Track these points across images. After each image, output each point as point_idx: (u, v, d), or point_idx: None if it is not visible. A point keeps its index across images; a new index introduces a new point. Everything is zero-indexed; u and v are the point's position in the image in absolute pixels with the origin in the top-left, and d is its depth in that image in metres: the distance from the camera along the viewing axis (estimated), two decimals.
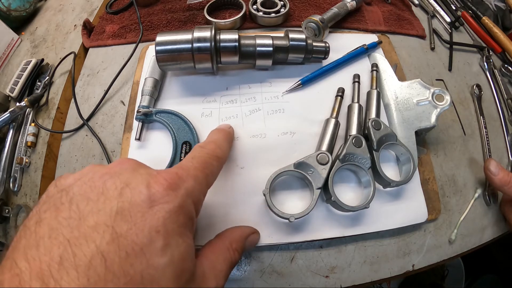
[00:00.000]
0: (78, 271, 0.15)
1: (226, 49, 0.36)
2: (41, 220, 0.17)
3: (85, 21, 0.50)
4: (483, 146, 0.42)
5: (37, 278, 0.14)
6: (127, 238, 0.16)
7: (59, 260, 0.15)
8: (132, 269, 0.16)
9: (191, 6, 0.50)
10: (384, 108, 0.39)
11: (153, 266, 0.16)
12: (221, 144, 0.29)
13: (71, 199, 0.18)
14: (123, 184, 0.19)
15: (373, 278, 0.35)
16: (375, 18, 0.49)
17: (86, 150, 0.40)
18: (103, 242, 0.16)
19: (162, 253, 0.17)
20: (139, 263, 0.16)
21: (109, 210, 0.17)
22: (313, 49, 0.40)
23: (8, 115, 0.42)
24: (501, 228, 0.39)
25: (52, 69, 0.48)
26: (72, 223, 0.17)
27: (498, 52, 0.51)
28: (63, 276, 0.14)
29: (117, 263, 0.15)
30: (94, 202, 0.18)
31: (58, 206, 0.18)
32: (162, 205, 0.19)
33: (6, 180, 0.41)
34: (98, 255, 0.15)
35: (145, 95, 0.38)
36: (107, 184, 0.19)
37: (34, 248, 0.16)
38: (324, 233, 0.33)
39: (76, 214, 0.17)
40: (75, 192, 0.19)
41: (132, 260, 0.16)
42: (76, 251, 0.15)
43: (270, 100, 0.39)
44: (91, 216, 0.17)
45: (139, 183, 0.19)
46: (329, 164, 0.32)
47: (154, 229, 0.17)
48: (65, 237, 0.16)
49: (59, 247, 0.15)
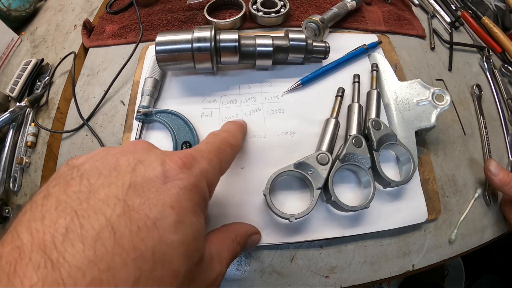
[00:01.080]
0: (84, 243, 0.14)
1: (226, 49, 0.36)
2: (49, 194, 0.16)
3: (85, 21, 0.50)
4: (483, 146, 0.42)
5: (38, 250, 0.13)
6: (139, 212, 0.16)
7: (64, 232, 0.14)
8: (143, 244, 0.15)
9: (191, 6, 0.50)
10: (384, 108, 0.39)
11: (165, 242, 0.16)
12: (235, 133, 0.28)
13: (81, 174, 0.17)
14: (136, 161, 0.18)
15: (373, 278, 0.35)
16: (375, 18, 0.49)
17: (86, 150, 0.40)
18: (113, 215, 0.15)
19: (175, 229, 0.16)
20: (151, 238, 0.15)
21: (121, 183, 0.17)
22: (313, 49, 0.40)
23: (8, 115, 0.42)
24: (501, 228, 0.39)
25: (52, 69, 0.48)
26: (81, 196, 0.16)
27: (498, 52, 0.51)
28: (67, 248, 0.13)
29: (127, 237, 0.14)
30: (106, 177, 0.17)
31: (68, 180, 0.17)
32: (176, 182, 0.18)
33: (6, 180, 0.41)
34: (107, 227, 0.14)
35: (145, 95, 0.38)
36: (120, 160, 0.18)
37: (39, 220, 0.15)
38: (324, 233, 0.33)
39: (86, 188, 0.16)
40: (86, 168, 0.18)
41: (143, 234, 0.15)
42: (83, 222, 0.14)
43: (270, 100, 0.39)
44: (102, 189, 0.16)
45: (153, 160, 0.19)
46: (329, 164, 0.32)
47: (168, 204, 0.17)
48: (72, 208, 0.15)
49: (65, 218, 0.14)
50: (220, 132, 0.27)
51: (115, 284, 0.13)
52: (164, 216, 0.16)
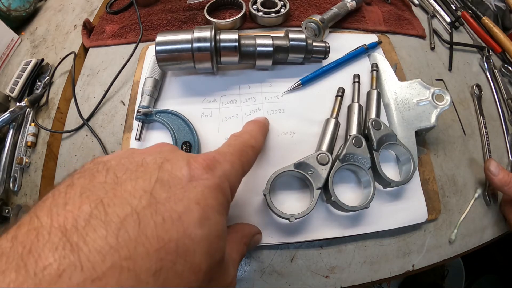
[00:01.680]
0: (108, 229, 0.13)
1: (226, 49, 0.36)
2: (74, 184, 0.16)
3: (85, 21, 0.50)
4: (483, 146, 0.42)
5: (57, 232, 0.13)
6: (165, 205, 0.16)
7: (87, 217, 0.14)
8: (167, 236, 0.15)
9: (191, 6, 0.50)
10: (384, 108, 0.39)
11: (189, 236, 0.15)
12: (256, 135, 0.28)
13: (108, 168, 0.17)
14: (163, 159, 0.19)
15: (373, 278, 0.35)
16: (375, 18, 0.49)
17: (86, 150, 0.40)
18: (139, 205, 0.15)
19: (200, 225, 0.16)
20: (176, 230, 0.15)
21: (148, 177, 0.17)
22: (313, 49, 0.40)
23: (8, 115, 0.42)
24: (501, 228, 0.39)
25: (52, 69, 0.48)
26: (107, 186, 0.16)
27: (498, 52, 0.51)
28: (88, 233, 0.13)
29: (152, 227, 0.14)
30: (132, 171, 0.17)
31: (93, 173, 0.17)
32: (201, 181, 0.18)
33: (6, 180, 0.41)
34: (132, 216, 0.14)
35: (145, 95, 0.38)
36: (147, 159, 0.19)
37: (61, 206, 0.14)
38: (324, 233, 0.33)
39: (113, 180, 0.16)
40: (113, 164, 0.18)
41: (168, 226, 0.15)
42: (108, 210, 0.14)
43: (270, 100, 0.39)
44: (129, 182, 0.16)
45: (179, 159, 0.19)
46: (329, 164, 0.32)
47: (194, 200, 0.17)
48: (98, 196, 0.15)
49: (90, 205, 0.14)
50: (242, 134, 0.27)
51: (135, 272, 0.13)
52: (190, 210, 0.16)
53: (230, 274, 0.21)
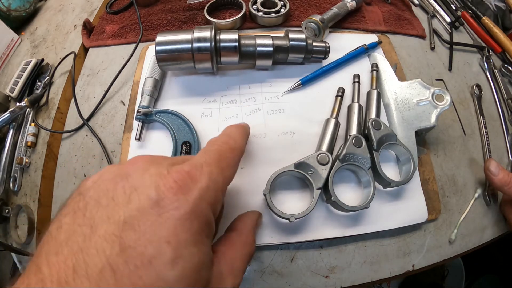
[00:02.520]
0: (90, 280, 0.15)
1: (226, 49, 0.36)
2: (61, 226, 0.18)
3: (85, 21, 0.50)
4: (483, 146, 0.42)
5: (57, 283, 0.15)
6: (135, 249, 0.16)
7: (72, 270, 0.15)
8: (141, 282, 0.15)
9: (191, 6, 0.50)
10: (384, 108, 0.39)
11: (163, 280, 0.16)
12: (235, 136, 0.27)
13: (86, 204, 0.18)
14: (131, 189, 0.18)
15: (373, 278, 0.35)
16: (375, 18, 0.49)
17: (86, 150, 0.40)
18: (113, 253, 0.16)
19: (172, 266, 0.16)
20: (149, 276, 0.16)
21: (117, 218, 0.17)
22: (313, 49, 0.40)
23: (8, 115, 0.42)
24: (501, 228, 0.39)
25: (52, 69, 0.48)
26: (85, 231, 0.17)
27: (498, 52, 0.51)
28: (77, 284, 0.15)
29: (127, 276, 0.15)
30: (105, 209, 0.18)
31: (75, 211, 0.18)
32: (172, 212, 0.17)
33: (6, 180, 0.41)
34: (108, 266, 0.15)
35: (145, 95, 0.38)
36: (118, 188, 0.19)
37: (54, 254, 0.16)
38: (324, 233, 0.33)
39: (89, 221, 0.17)
40: (91, 196, 0.19)
41: (141, 272, 0.15)
42: (88, 260, 0.16)
43: (270, 100, 0.39)
44: (101, 224, 0.17)
45: (148, 186, 0.18)
46: (329, 164, 0.32)
47: (164, 239, 0.16)
48: (79, 246, 0.16)
49: (74, 256, 0.16)
50: (219, 137, 0.26)
51: None
52: (160, 253, 0.16)
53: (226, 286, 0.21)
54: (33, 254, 0.18)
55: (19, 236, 0.39)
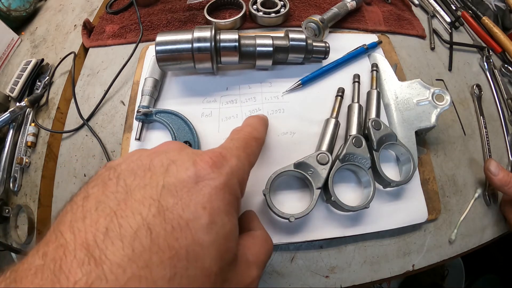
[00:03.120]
0: (123, 241, 0.15)
1: (226, 49, 0.36)
2: (89, 195, 0.17)
3: (85, 21, 0.50)
4: (483, 146, 0.42)
5: (81, 248, 0.14)
6: (173, 212, 0.16)
7: (105, 231, 0.15)
8: (177, 243, 0.16)
9: (191, 6, 0.50)
10: (384, 108, 0.39)
11: (198, 243, 0.16)
12: (257, 127, 0.28)
13: (118, 175, 0.19)
14: (169, 161, 0.19)
15: (373, 278, 0.35)
16: (375, 18, 0.49)
17: (86, 150, 0.40)
18: (149, 214, 0.16)
19: (207, 230, 0.17)
20: (185, 238, 0.16)
21: (155, 184, 0.17)
22: (313, 49, 0.40)
23: (8, 115, 0.42)
24: (501, 228, 0.39)
25: (52, 69, 0.48)
26: (119, 196, 0.17)
27: (498, 52, 0.51)
28: (108, 246, 0.14)
29: (163, 236, 0.15)
30: (141, 178, 0.18)
31: (106, 181, 0.18)
32: (208, 181, 0.18)
33: (6, 180, 0.41)
34: (143, 226, 0.15)
35: (145, 95, 0.38)
36: (154, 161, 0.19)
37: (81, 220, 0.16)
38: (324, 233, 0.33)
39: (123, 188, 0.17)
40: (123, 169, 0.19)
41: (177, 234, 0.16)
42: (122, 222, 0.15)
43: (270, 100, 0.39)
44: (138, 190, 0.17)
45: (185, 160, 0.19)
46: (329, 164, 0.32)
47: (201, 205, 0.17)
48: (111, 209, 0.16)
49: (105, 219, 0.15)
50: (243, 127, 0.28)
51: (152, 280, 0.14)
52: (197, 217, 0.17)
53: (249, 275, 0.21)
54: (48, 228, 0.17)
55: (19, 236, 0.39)
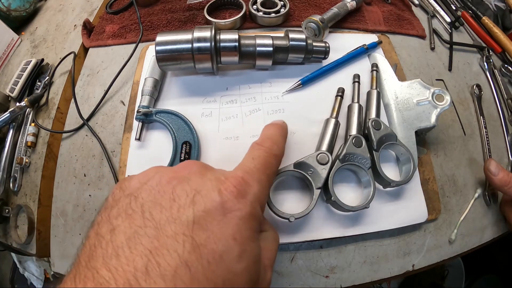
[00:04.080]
0: (165, 280, 0.15)
1: (226, 49, 0.36)
2: (114, 228, 0.18)
3: (85, 21, 0.50)
4: (483, 146, 0.42)
5: (125, 286, 0.15)
6: (206, 247, 0.17)
7: (145, 270, 0.15)
8: (215, 276, 0.17)
9: (191, 6, 0.50)
10: (384, 108, 0.39)
11: (232, 272, 0.17)
12: (278, 141, 0.28)
13: (142, 205, 0.19)
14: (194, 191, 0.20)
15: (373, 278, 0.35)
16: (375, 18, 0.49)
17: (86, 150, 0.40)
18: (185, 251, 0.16)
19: (239, 259, 0.18)
20: (220, 270, 0.17)
21: (185, 219, 0.18)
22: (313, 49, 0.40)
23: (8, 115, 0.42)
24: (501, 228, 0.39)
25: (52, 69, 0.48)
26: (149, 232, 0.17)
27: (498, 52, 0.51)
28: (151, 285, 0.15)
29: (201, 271, 0.16)
30: (168, 210, 0.18)
31: (130, 213, 0.18)
32: (235, 213, 0.19)
33: (6, 180, 0.41)
34: (182, 264, 0.16)
35: (145, 95, 0.38)
36: (177, 190, 0.20)
37: (114, 258, 0.16)
38: (324, 233, 0.33)
39: (151, 222, 0.18)
40: (145, 198, 0.19)
41: (213, 267, 0.17)
42: (160, 261, 0.16)
43: (270, 100, 0.39)
44: (168, 225, 0.18)
45: (210, 190, 0.20)
46: (329, 164, 0.32)
47: (231, 236, 0.18)
48: (145, 247, 0.16)
49: (142, 258, 0.16)
50: (263, 141, 0.27)
51: None
52: (229, 248, 0.18)
53: (266, 279, 0.22)
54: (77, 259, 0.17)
55: (19, 236, 0.39)
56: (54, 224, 0.38)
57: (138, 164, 0.36)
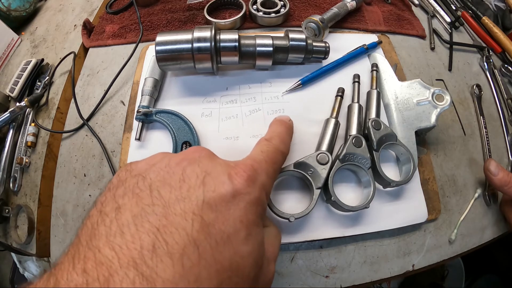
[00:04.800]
0: (173, 258, 0.15)
1: (226, 49, 0.36)
2: (120, 207, 0.17)
3: (85, 21, 0.50)
4: (483, 146, 0.42)
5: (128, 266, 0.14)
6: (215, 226, 0.17)
7: (151, 248, 0.15)
8: (222, 256, 0.16)
9: (191, 6, 0.50)
10: (384, 108, 0.39)
11: (239, 254, 0.17)
12: (284, 138, 0.28)
13: (150, 185, 0.19)
14: (204, 173, 0.20)
15: (373, 278, 0.35)
16: (375, 18, 0.49)
17: (86, 150, 0.40)
18: (193, 230, 0.16)
19: (246, 242, 0.18)
20: (227, 251, 0.17)
21: (195, 198, 0.18)
22: (313, 49, 0.40)
23: (8, 115, 0.42)
24: (501, 228, 0.39)
25: (52, 69, 0.48)
26: (157, 210, 0.17)
27: (498, 52, 0.51)
28: (157, 264, 0.14)
29: (209, 251, 0.16)
30: (177, 190, 0.18)
31: (137, 192, 0.18)
32: (243, 196, 0.19)
33: (6, 180, 0.41)
34: (190, 243, 0.16)
35: (145, 95, 0.38)
36: (187, 171, 0.20)
37: (119, 235, 0.16)
38: (324, 233, 0.33)
39: (160, 201, 0.17)
40: (153, 178, 0.19)
41: (221, 248, 0.17)
42: (167, 239, 0.15)
43: (270, 100, 0.39)
44: (177, 204, 0.17)
45: (220, 173, 0.20)
46: (329, 164, 0.32)
47: (239, 219, 0.18)
48: (152, 224, 0.16)
49: (149, 235, 0.15)
50: (272, 138, 0.27)
51: None
52: (236, 230, 0.18)
53: (270, 271, 0.22)
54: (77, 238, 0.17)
55: (19, 236, 0.39)
56: (54, 224, 0.38)
57: None
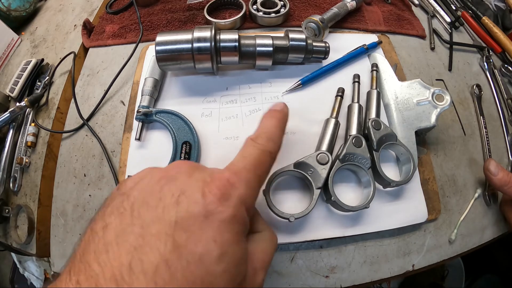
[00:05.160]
0: (146, 276, 0.16)
1: (226, 49, 0.36)
2: (107, 225, 0.19)
3: (85, 21, 0.50)
4: (483, 146, 0.42)
5: (111, 280, 0.16)
6: (186, 247, 0.18)
7: (128, 267, 0.16)
8: (193, 276, 0.17)
9: (191, 6, 0.50)
10: (384, 108, 0.39)
11: (211, 274, 0.18)
12: (274, 135, 0.26)
13: (132, 204, 0.20)
14: (179, 191, 0.20)
15: (373, 278, 0.35)
16: (375, 18, 0.49)
17: (86, 150, 0.40)
18: (166, 250, 0.17)
19: (218, 261, 0.18)
20: (199, 270, 0.17)
21: (168, 219, 0.18)
22: (313, 49, 0.40)
23: (8, 115, 0.42)
24: (501, 228, 0.39)
25: (52, 69, 0.48)
26: (135, 230, 0.18)
27: (498, 52, 0.51)
28: (133, 281, 0.16)
29: (180, 271, 0.17)
30: (154, 209, 0.19)
31: (121, 211, 0.19)
32: (217, 215, 0.19)
33: (6, 180, 0.41)
34: (162, 262, 0.17)
35: (145, 95, 0.38)
36: (164, 189, 0.20)
37: (104, 253, 0.17)
38: (324, 233, 0.33)
39: (138, 221, 0.19)
40: (136, 197, 0.20)
41: (192, 267, 0.17)
42: (143, 258, 0.17)
43: (270, 100, 0.39)
44: (153, 224, 0.18)
45: (195, 191, 0.20)
46: (329, 164, 0.32)
47: (212, 238, 0.18)
48: (131, 244, 0.17)
49: (127, 254, 0.17)
50: (258, 137, 0.25)
51: None
52: (208, 250, 0.18)
53: (257, 281, 0.22)
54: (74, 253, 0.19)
55: (19, 236, 0.39)
56: (54, 224, 0.38)
57: (138, 164, 0.36)
